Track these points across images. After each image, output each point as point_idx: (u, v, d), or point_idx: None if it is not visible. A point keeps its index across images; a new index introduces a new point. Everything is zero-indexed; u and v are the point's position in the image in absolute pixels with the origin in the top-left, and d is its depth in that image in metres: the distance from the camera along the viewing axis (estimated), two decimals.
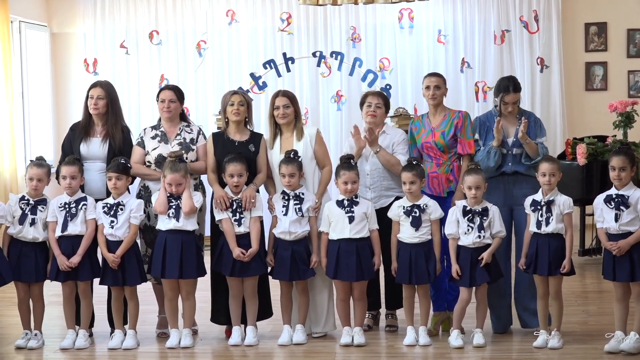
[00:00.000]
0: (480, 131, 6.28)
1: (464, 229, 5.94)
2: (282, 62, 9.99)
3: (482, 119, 6.34)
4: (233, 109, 6.20)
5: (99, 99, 6.31)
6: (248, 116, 6.33)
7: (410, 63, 11.03)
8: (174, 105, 6.32)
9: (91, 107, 6.32)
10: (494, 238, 5.93)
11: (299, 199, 6.10)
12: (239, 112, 6.20)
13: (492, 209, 5.96)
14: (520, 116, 6.20)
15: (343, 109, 10.99)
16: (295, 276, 6.09)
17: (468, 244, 5.93)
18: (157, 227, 6.06)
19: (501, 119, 6.15)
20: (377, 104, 6.37)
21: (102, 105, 6.31)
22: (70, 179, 6.04)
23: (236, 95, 6.27)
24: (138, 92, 11.05)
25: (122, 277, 6.02)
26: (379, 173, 6.32)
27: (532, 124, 6.17)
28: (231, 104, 6.22)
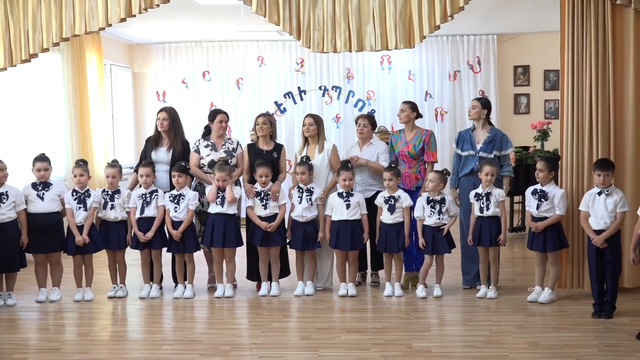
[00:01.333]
0: (458, 141, 6.25)
1: (428, 213, 5.93)
2: (297, 93, 9.96)
3: (462, 133, 6.30)
4: (258, 127, 6.21)
5: (164, 120, 6.30)
6: (272, 131, 6.31)
7: (389, 94, 10.99)
8: (226, 124, 6.33)
9: (158, 126, 6.32)
10: (450, 218, 5.93)
11: (309, 192, 6.09)
12: (262, 129, 6.20)
13: (447, 198, 5.95)
14: (491, 131, 6.12)
15: (341, 127, 10.96)
16: (306, 247, 6.09)
17: (431, 224, 5.92)
18: (208, 210, 6.07)
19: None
20: (364, 124, 6.35)
21: (166, 125, 6.30)
22: (146, 177, 6.06)
23: (260, 117, 6.26)
24: (195, 115, 11.03)
25: (183, 246, 6.03)
26: (365, 173, 6.31)
27: (499, 138, 6.11)
28: (257, 124, 6.23)
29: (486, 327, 5.07)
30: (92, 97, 9.28)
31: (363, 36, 5.80)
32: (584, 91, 5.80)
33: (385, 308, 5.69)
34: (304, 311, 5.66)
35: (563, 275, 5.94)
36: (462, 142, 6.20)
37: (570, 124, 5.84)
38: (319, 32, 5.85)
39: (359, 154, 6.33)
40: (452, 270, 6.62)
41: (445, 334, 5.01)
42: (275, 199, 6.09)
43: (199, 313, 5.72)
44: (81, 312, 5.74)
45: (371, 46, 5.79)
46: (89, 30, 6.08)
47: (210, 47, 11.15)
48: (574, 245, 5.89)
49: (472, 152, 6.11)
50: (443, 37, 10.94)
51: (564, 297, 5.81)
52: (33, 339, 5.10)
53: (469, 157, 6.13)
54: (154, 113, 6.65)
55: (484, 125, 6.19)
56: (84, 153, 8.86)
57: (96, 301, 6.03)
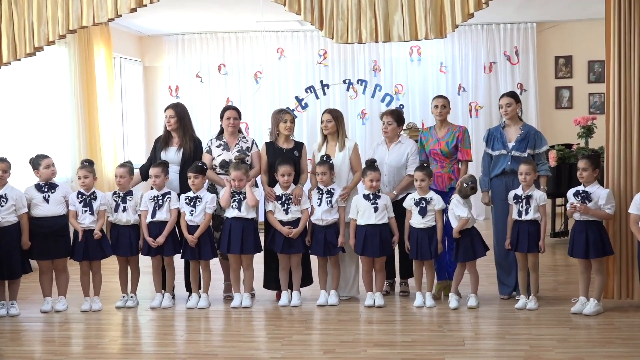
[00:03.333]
0: (488, 139, 6.20)
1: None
2: (320, 87, 9.97)
3: (491, 130, 6.25)
4: (286, 125, 6.21)
5: (171, 118, 6.33)
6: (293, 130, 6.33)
7: (419, 88, 10.96)
8: (236, 122, 6.32)
9: (166, 124, 6.36)
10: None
11: (330, 193, 6.08)
12: (290, 128, 6.21)
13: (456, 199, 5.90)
14: (523, 127, 6.10)
15: (367, 124, 10.96)
16: (327, 252, 6.08)
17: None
18: (225, 215, 6.07)
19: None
20: (388, 122, 6.31)
21: (173, 122, 6.32)
22: (155, 177, 6.09)
23: (289, 115, 6.26)
24: (210, 111, 11.07)
25: (199, 253, 6.05)
26: (393, 174, 6.28)
27: (532, 136, 6.06)
28: (284, 121, 6.21)
29: (525, 341, 5.02)
30: (101, 92, 9.35)
31: (390, 25, 5.77)
32: (632, 83, 5.72)
33: (416, 320, 5.66)
34: (328, 323, 5.64)
35: (610, 284, 5.86)
36: (493, 140, 6.15)
37: (616, 119, 5.76)
38: (342, 21, 5.83)
39: (386, 154, 6.30)
40: (488, 278, 6.57)
41: (480, 348, 4.97)
42: (298, 202, 6.08)
43: (215, 324, 5.72)
44: (89, 323, 5.77)
45: (399, 36, 5.75)
46: (97, 21, 6.11)
47: (227, 39, 11.19)
48: (621, 252, 5.80)
49: (503, 151, 6.07)
50: (477, 25, 10.87)
51: (611, 308, 5.73)
52: (37, 351, 5.14)
53: (501, 157, 6.09)
54: None
55: (516, 121, 6.14)
56: (92, 153, 8.93)
57: (105, 311, 6.07)
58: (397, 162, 6.27)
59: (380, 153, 6.34)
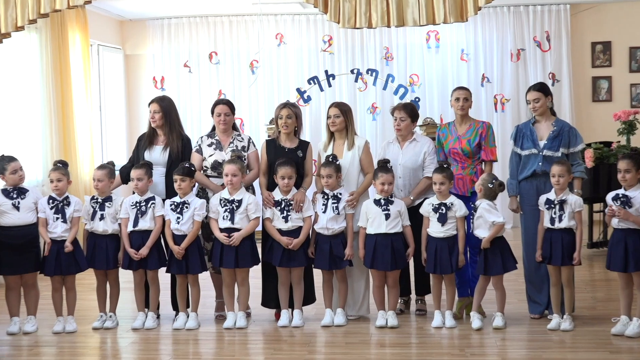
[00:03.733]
0: (516, 137, 6.18)
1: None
2: (324, 78, 9.96)
3: (520, 127, 6.23)
4: (282, 122, 6.21)
5: (155, 113, 6.33)
6: (298, 125, 6.30)
7: (437, 79, 10.98)
8: (228, 118, 6.30)
9: (150, 120, 6.37)
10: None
11: (336, 198, 6.06)
12: (287, 124, 6.20)
13: (480, 206, 5.87)
14: (556, 123, 6.10)
15: (378, 119, 10.98)
16: (333, 265, 6.07)
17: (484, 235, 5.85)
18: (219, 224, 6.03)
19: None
20: (401, 118, 6.30)
21: (158, 118, 6.32)
22: (137, 180, 6.07)
23: (285, 109, 6.23)
24: (199, 105, 11.10)
25: (186, 266, 6.03)
26: (410, 176, 6.27)
27: (566, 132, 6.05)
28: (280, 117, 6.22)
29: None
30: (76, 85, 9.36)
31: (404, 8, 5.77)
32: None
33: (434, 342, 5.65)
34: (334, 346, 5.64)
35: None
36: (522, 138, 6.14)
37: None
38: (350, 3, 5.83)
39: (399, 153, 6.29)
40: (516, 295, 6.55)
41: None
42: (299, 209, 6.08)
43: (205, 347, 5.72)
44: (62, 346, 5.76)
45: (414, 20, 5.75)
46: (73, 4, 6.13)
47: (219, 23, 11.21)
48: None
49: (534, 150, 6.06)
50: (503, 8, 10.88)
51: None
52: None
53: (531, 157, 6.08)
54: None
55: (547, 117, 6.13)
56: (66, 153, 8.94)
57: (80, 333, 6.05)
58: (412, 162, 6.26)
59: (393, 153, 6.33)
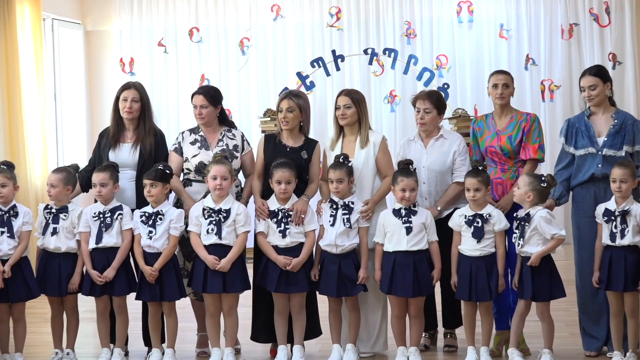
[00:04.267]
0: (568, 134, 6.16)
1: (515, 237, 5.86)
2: (331, 60, 9.98)
3: (572, 121, 6.21)
4: (281, 116, 6.18)
5: (134, 102, 6.29)
6: (303, 120, 6.27)
7: (470, 60, 10.97)
8: (206, 111, 6.26)
9: (124, 111, 6.30)
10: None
11: (347, 208, 6.02)
12: (287, 120, 6.17)
13: (537, 214, 5.83)
14: (616, 115, 6.09)
15: (397, 110, 10.95)
16: (343, 291, 6.04)
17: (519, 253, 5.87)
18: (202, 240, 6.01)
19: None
20: (425, 109, 6.26)
21: (136, 109, 6.29)
22: (100, 187, 6.03)
23: (285, 101, 6.19)
24: (177, 93, 11.09)
25: (160, 291, 6.00)
26: (436, 181, 6.25)
27: (629, 126, 6.04)
28: (280, 111, 6.20)
29: None
30: (25, 68, 9.35)
31: None
32: None
33: None
34: None
35: None
36: (575, 134, 6.13)
37: None
38: None
39: (422, 153, 6.29)
40: (567, 327, 6.55)
41: None
42: (301, 222, 6.07)
43: None
44: None
45: None
46: None
47: None
48: None
49: (591, 149, 6.06)
50: None
51: None
52: None
53: (587, 157, 6.07)
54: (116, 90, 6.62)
55: (606, 107, 6.12)
56: (12, 152, 8.94)
57: None
58: (439, 164, 6.26)
59: (416, 152, 6.32)
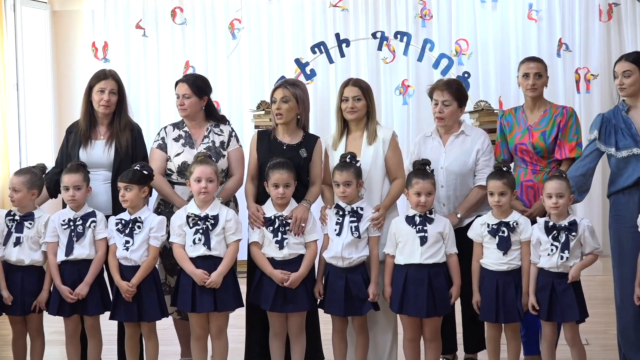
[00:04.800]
0: (602, 130, 6.12)
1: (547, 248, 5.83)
2: (335, 45, 9.98)
3: (607, 116, 6.17)
4: (274, 108, 6.19)
5: (112, 94, 6.30)
6: (301, 113, 6.27)
7: (494, 45, 10.97)
8: (189, 102, 6.28)
9: (101, 104, 6.30)
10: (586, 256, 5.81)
11: (356, 215, 6.03)
12: (281, 112, 6.16)
13: (582, 223, 5.83)
14: None
15: (410, 103, 10.95)
16: (351, 310, 6.04)
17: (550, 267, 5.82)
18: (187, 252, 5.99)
19: None
20: (444, 102, 6.27)
21: (114, 102, 6.32)
22: (74, 190, 6.02)
23: (279, 90, 6.20)
24: (158, 82, 11.11)
25: (139, 310, 6.00)
26: (456, 184, 6.26)
27: None
28: (273, 102, 6.20)
29: None
30: None
31: None
32: None
33: None
34: None
35: None
36: (612, 132, 6.11)
37: None
38: None
39: (441, 152, 6.30)
40: (605, 353, 6.58)
41: None
42: (301, 231, 6.07)
43: None
44: None
45: None
46: None
47: None
48: None
49: (635, 150, 6.04)
50: None
51: None
52: None
53: (631, 160, 6.05)
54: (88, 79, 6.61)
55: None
56: None
57: None
58: (459, 165, 6.27)
59: (433, 151, 6.33)
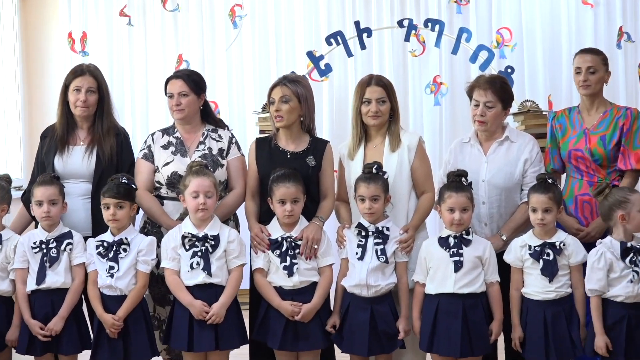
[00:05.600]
0: None
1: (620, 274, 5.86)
2: (354, 35, 10.00)
3: None
4: (273, 109, 6.23)
5: (90, 93, 6.37)
6: (305, 114, 6.32)
7: (542, 35, 10.95)
8: (187, 101, 6.35)
9: (78, 104, 6.38)
10: None
11: (381, 236, 6.05)
12: (281, 114, 6.21)
13: None
14: None
15: (443, 103, 10.93)
16: (377, 349, 6.06)
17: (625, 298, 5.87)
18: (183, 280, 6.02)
19: None
20: (487, 103, 6.27)
21: (93, 102, 6.39)
22: (49, 205, 6.08)
23: (277, 89, 6.25)
24: (145, 80, 11.11)
25: (125, 349, 6.02)
26: (500, 200, 6.27)
27: None
28: (271, 102, 6.25)
29: None
30: None
31: None
32: None
33: None
34: None
35: None
36: None
37: None
38: None
39: (481, 162, 6.33)
40: None
41: None
42: (313, 254, 6.12)
43: None
44: None
45: None
46: None
47: None
48: None
49: None
50: None
51: None
52: None
53: None
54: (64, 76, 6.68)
55: None
56: None
57: None
58: (504, 177, 6.29)
59: (472, 160, 6.38)
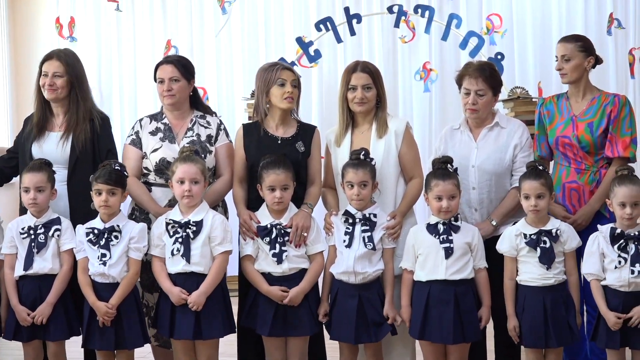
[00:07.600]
0: None
1: (612, 261, 5.85)
2: (344, 21, 9.98)
3: None
4: (285, 91, 6.19)
5: (56, 77, 6.36)
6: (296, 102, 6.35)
7: (533, 21, 10.94)
8: (177, 86, 6.33)
9: (45, 89, 6.38)
10: None
11: (369, 222, 6.04)
12: (292, 97, 6.21)
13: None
14: None
15: (433, 90, 10.91)
16: (365, 336, 6.04)
17: (619, 285, 5.87)
18: (167, 268, 6.02)
19: None
20: (478, 91, 6.24)
21: (61, 85, 6.37)
22: (35, 192, 6.06)
23: (290, 72, 6.25)
24: (134, 66, 11.08)
25: (116, 336, 5.98)
26: (490, 185, 6.26)
27: None
28: (281, 84, 6.20)
29: None
30: None
31: None
32: None
33: None
34: None
35: None
36: None
37: None
38: None
39: (472, 148, 6.32)
40: None
41: None
42: (303, 242, 6.12)
43: None
44: None
45: None
46: None
47: None
48: None
49: None
50: None
51: None
52: None
53: None
54: None
55: None
56: None
57: None
58: (494, 163, 6.27)
59: (462, 146, 6.37)
